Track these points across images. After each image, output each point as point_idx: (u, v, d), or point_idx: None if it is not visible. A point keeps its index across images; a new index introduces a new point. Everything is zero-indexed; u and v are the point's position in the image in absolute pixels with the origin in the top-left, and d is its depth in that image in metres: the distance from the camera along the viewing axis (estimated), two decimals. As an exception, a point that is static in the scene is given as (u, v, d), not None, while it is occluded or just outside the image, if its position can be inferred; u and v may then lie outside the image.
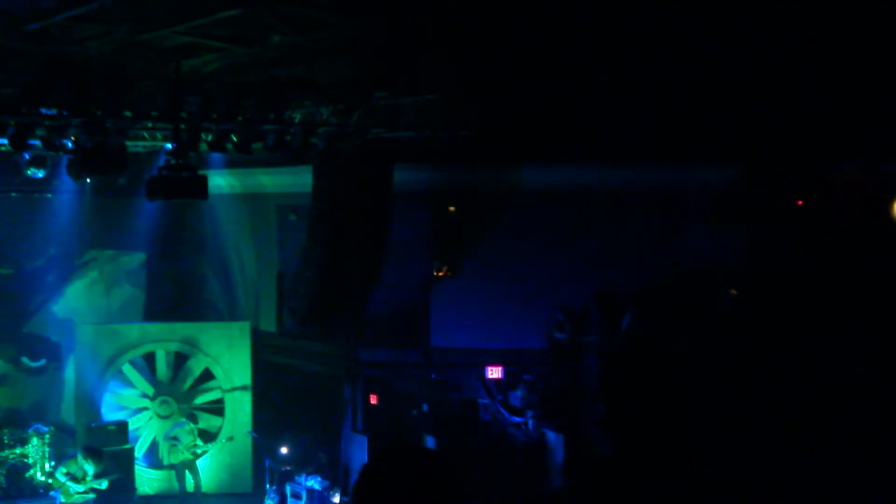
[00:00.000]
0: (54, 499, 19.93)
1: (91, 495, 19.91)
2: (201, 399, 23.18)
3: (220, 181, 23.94)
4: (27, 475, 21.40)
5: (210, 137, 18.92)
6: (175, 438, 21.60)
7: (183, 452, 21.54)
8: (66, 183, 22.95)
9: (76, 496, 19.75)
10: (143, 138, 21.38)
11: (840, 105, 19.82)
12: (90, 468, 19.94)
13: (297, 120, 19.31)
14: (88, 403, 22.35)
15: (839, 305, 16.63)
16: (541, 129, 22.01)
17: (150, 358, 23.03)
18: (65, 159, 20.43)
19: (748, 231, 20.19)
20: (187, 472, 21.83)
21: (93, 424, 21.73)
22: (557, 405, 19.41)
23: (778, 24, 16.76)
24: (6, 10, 15.79)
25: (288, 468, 21.56)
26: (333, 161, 19.81)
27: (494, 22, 17.91)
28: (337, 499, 20.73)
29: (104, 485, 20.10)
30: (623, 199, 21.58)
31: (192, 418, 22.86)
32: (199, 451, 21.86)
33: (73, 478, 19.90)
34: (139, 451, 22.56)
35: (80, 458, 20.04)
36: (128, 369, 22.76)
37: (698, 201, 20.92)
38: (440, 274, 22.90)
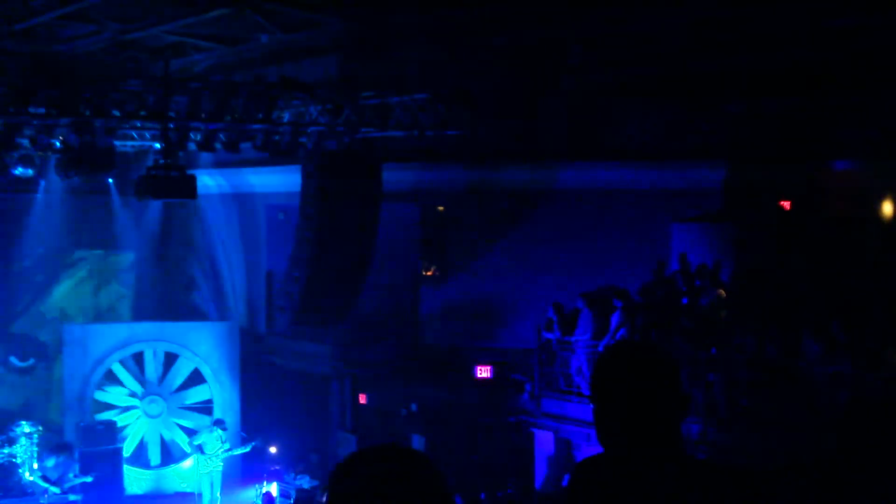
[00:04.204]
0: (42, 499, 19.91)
1: (73, 497, 19.83)
2: (190, 399, 23.16)
3: (208, 181, 23.93)
4: (16, 474, 21.35)
5: (199, 137, 18.90)
6: (200, 447, 21.19)
7: (212, 460, 21.14)
8: (54, 182, 22.92)
9: (56, 498, 19.68)
10: (132, 138, 21.37)
11: (829, 106, 19.90)
12: (51, 462, 19.83)
13: (285, 119, 19.32)
14: (76, 403, 22.31)
15: (827, 304, 16.67)
16: (528, 130, 22.06)
17: (138, 358, 22.99)
18: (53, 159, 20.41)
19: (735, 230, 20.26)
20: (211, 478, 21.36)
21: (81, 424, 21.69)
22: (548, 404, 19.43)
23: (768, 26, 16.83)
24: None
25: (277, 467, 21.55)
26: (322, 160, 19.81)
27: (484, 22, 17.95)
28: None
29: (89, 479, 20.09)
30: (611, 199, 21.63)
31: (178, 419, 22.85)
32: (225, 456, 21.44)
33: (47, 479, 19.84)
34: (128, 450, 22.51)
35: (52, 458, 19.99)
36: (117, 368, 22.72)
37: (686, 201, 20.98)
38: (429, 273, 22.94)
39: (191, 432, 22.40)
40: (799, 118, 20.37)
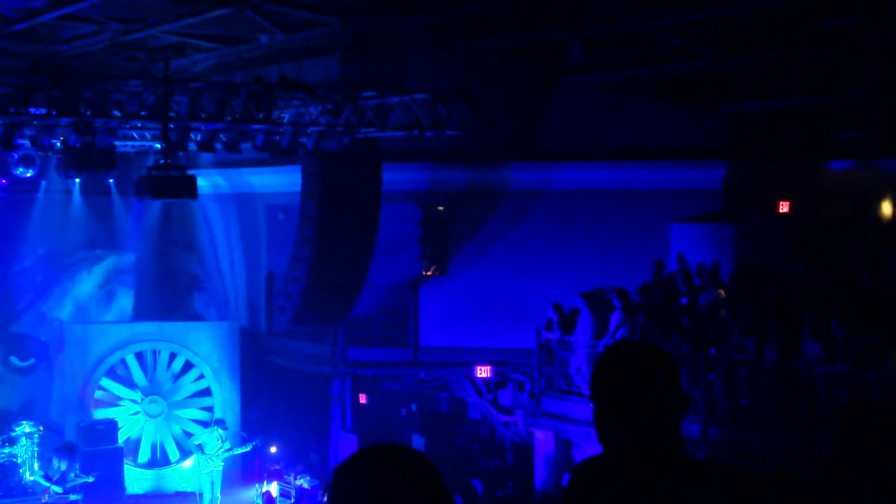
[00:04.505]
0: (42, 499, 19.90)
1: (74, 497, 19.83)
2: (190, 398, 23.17)
3: (208, 181, 23.93)
4: (16, 474, 21.35)
5: (199, 137, 18.91)
6: (200, 447, 21.13)
7: (212, 460, 21.09)
8: (54, 183, 22.94)
9: (57, 497, 19.66)
10: (132, 138, 21.38)
11: (829, 106, 19.89)
12: (63, 465, 19.85)
13: (285, 120, 19.32)
14: (76, 403, 22.32)
15: (827, 304, 16.68)
16: (528, 130, 22.06)
17: (139, 357, 22.99)
18: (54, 159, 20.43)
19: (735, 230, 20.26)
20: (212, 478, 21.27)
21: (81, 424, 21.70)
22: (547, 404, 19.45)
23: (768, 26, 16.83)
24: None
25: (277, 467, 21.55)
26: (322, 161, 19.83)
27: (484, 22, 17.96)
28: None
29: (91, 478, 20.07)
30: (611, 199, 21.63)
31: (179, 417, 22.86)
32: (225, 455, 21.36)
33: (48, 478, 19.84)
34: (129, 450, 22.51)
35: (64, 461, 20.00)
36: (115, 371, 22.72)
37: (686, 201, 20.99)
38: (429, 273, 22.95)
39: (199, 424, 22.45)
40: (799, 118, 20.37)
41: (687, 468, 3.71)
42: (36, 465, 21.16)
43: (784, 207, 20.38)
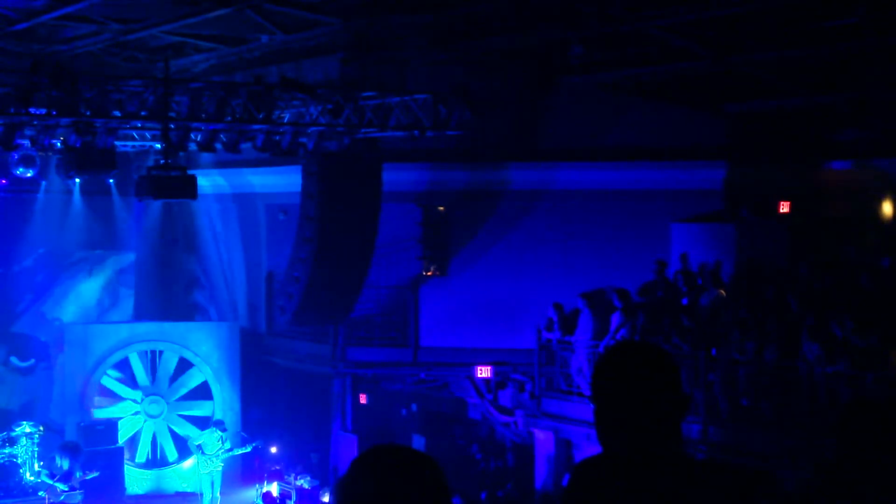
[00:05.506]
0: (44, 499, 19.90)
1: (78, 496, 19.84)
2: (191, 399, 23.17)
3: (209, 181, 23.92)
4: (17, 474, 21.37)
5: (199, 137, 18.91)
6: (200, 447, 21.12)
7: (212, 460, 21.07)
8: (55, 183, 22.94)
9: (63, 496, 19.68)
10: (133, 138, 21.38)
11: (828, 106, 19.89)
12: (65, 464, 19.87)
13: (286, 120, 19.33)
14: (77, 403, 22.32)
15: (827, 304, 16.68)
16: (528, 130, 22.05)
17: (139, 358, 22.99)
18: (54, 159, 20.44)
19: (735, 230, 20.25)
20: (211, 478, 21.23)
21: (82, 424, 21.71)
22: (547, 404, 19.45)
23: (768, 26, 16.83)
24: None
25: (277, 467, 21.56)
26: (322, 161, 19.82)
27: (484, 22, 17.96)
28: (326, 498, 20.75)
29: (96, 474, 20.08)
30: (611, 199, 21.62)
31: (180, 417, 22.86)
32: (225, 456, 21.33)
33: (52, 476, 19.85)
34: (129, 450, 22.53)
35: (56, 457, 20.02)
36: (114, 372, 22.72)
37: (686, 201, 20.98)
38: (429, 273, 22.94)
39: (197, 421, 22.44)
40: (799, 118, 20.37)
41: (687, 468, 3.71)
42: (36, 465, 21.17)
43: (784, 207, 20.36)
